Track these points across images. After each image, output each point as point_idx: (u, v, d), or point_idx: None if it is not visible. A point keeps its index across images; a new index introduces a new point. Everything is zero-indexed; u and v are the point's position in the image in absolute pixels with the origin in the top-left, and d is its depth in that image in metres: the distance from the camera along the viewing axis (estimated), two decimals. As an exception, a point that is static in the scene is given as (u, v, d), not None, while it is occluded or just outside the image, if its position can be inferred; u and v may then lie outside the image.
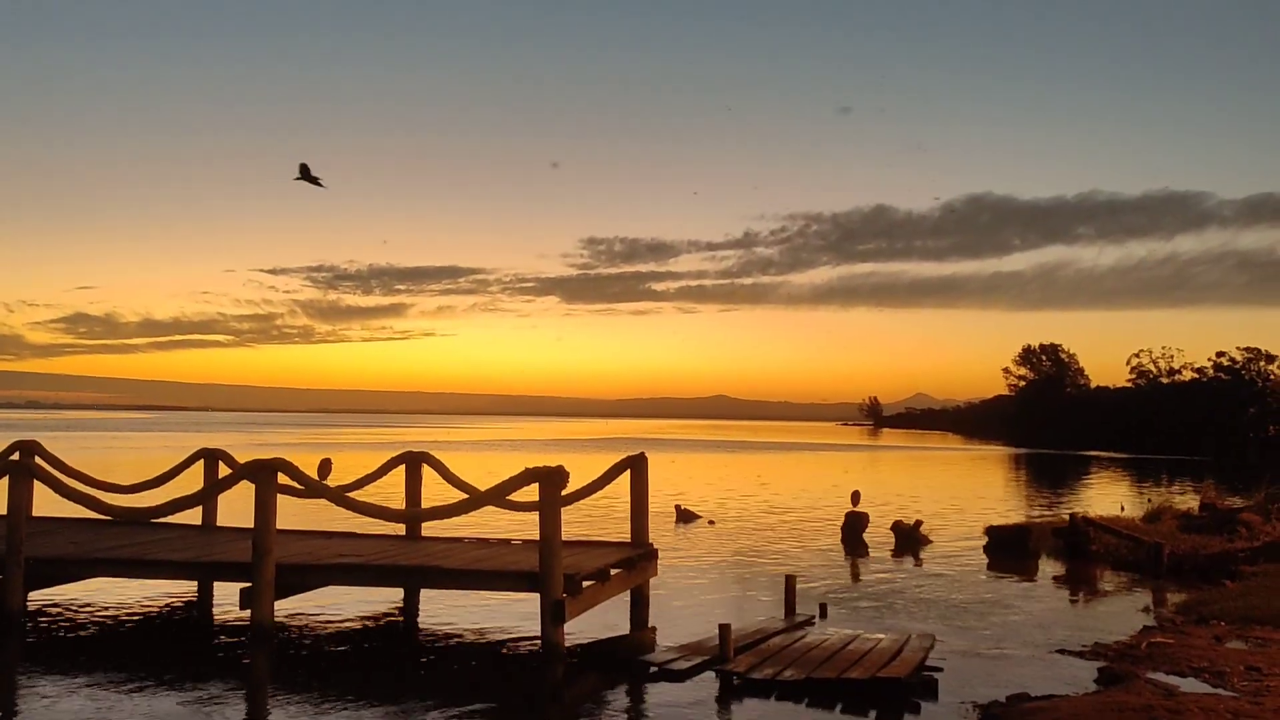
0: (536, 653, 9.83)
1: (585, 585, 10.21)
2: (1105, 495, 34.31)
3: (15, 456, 13.38)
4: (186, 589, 12.73)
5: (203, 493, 12.33)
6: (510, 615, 11.54)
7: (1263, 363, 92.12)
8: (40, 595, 12.02)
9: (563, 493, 10.10)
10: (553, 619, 9.59)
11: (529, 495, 10.42)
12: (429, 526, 13.64)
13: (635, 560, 11.57)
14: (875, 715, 8.14)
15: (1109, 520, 19.72)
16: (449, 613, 11.98)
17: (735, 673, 8.90)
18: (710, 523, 22.96)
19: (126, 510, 12.09)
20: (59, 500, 11.79)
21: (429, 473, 13.94)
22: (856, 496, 21.82)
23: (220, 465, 13.84)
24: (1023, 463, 62.96)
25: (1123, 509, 24.81)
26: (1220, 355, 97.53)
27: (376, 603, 12.36)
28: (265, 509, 10.20)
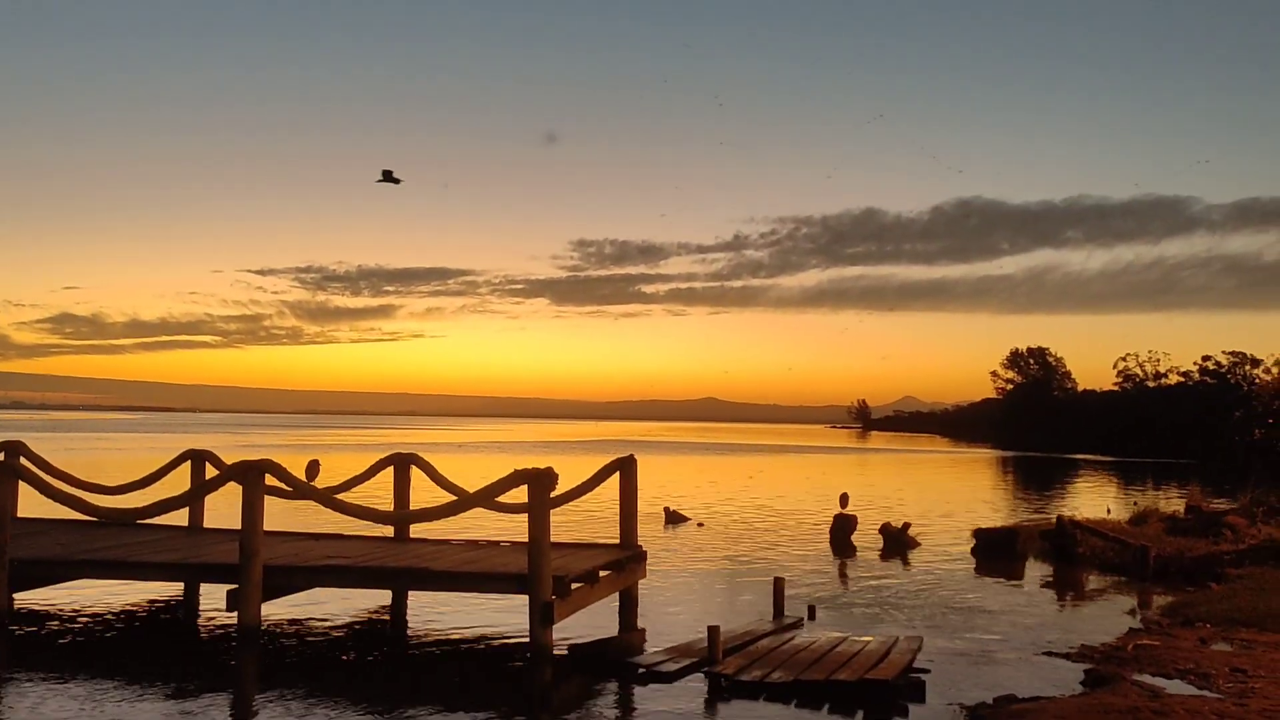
0: (525, 655, 9.82)
1: (574, 587, 10.22)
2: (1092, 498, 34.46)
3: (0, 457, 13.30)
4: (173, 591, 12.67)
5: (190, 494, 12.29)
6: (499, 617, 11.52)
7: (1249, 367, 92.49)
8: (26, 597, 11.93)
9: (552, 494, 10.10)
10: (541, 621, 9.58)
11: (518, 497, 10.43)
12: (417, 528, 13.62)
13: (624, 562, 11.57)
14: (863, 717, 8.16)
15: (1096, 523, 19.81)
16: (437, 615, 11.97)
17: (724, 675, 8.91)
18: (699, 525, 22.98)
19: (113, 511, 12.04)
20: (45, 501, 11.74)
21: (417, 474, 13.89)
22: (845, 499, 21.88)
23: (207, 466, 13.77)
24: (1010, 466, 63.22)
25: (1109, 512, 24.94)
26: (1206, 359, 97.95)
27: (365, 605, 12.33)
28: (253, 510, 10.16)
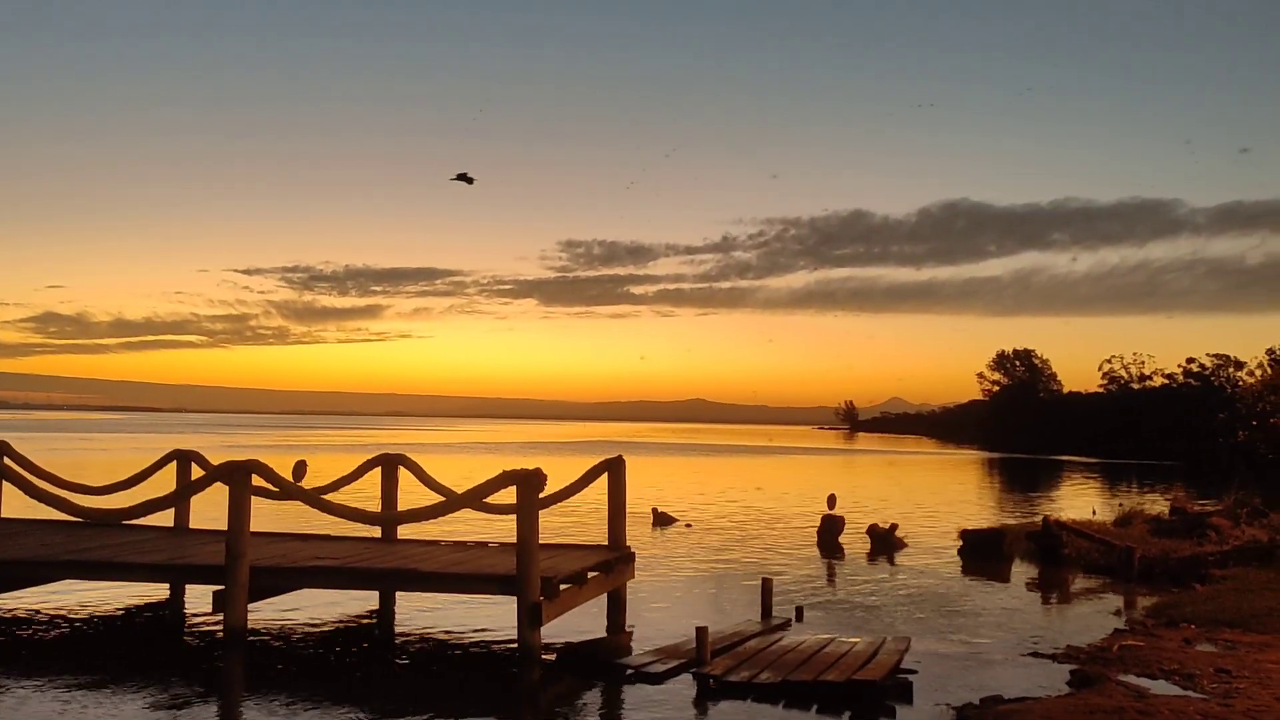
0: (513, 656, 9.80)
1: (562, 588, 10.20)
2: (1078, 499, 34.63)
3: (-16, 457, 13.20)
4: (159, 592, 12.58)
5: (175, 494, 12.22)
6: (487, 618, 11.51)
7: (1232, 369, 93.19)
8: (10, 598, 11.86)
9: (540, 495, 10.10)
10: (529, 622, 9.57)
11: (506, 498, 10.42)
12: (405, 529, 13.57)
13: (612, 563, 11.56)
14: (850, 718, 8.18)
15: (1081, 524, 19.90)
16: (425, 616, 11.93)
17: (712, 675, 8.91)
18: (687, 526, 22.98)
19: (98, 512, 11.97)
20: (29, 502, 11.68)
21: (405, 475, 13.84)
22: (832, 500, 21.92)
23: (193, 467, 13.68)
24: (996, 467, 63.49)
25: (1095, 513, 25.05)
26: (1191, 361, 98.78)
27: (352, 606, 12.29)
28: (239, 511, 10.11)
